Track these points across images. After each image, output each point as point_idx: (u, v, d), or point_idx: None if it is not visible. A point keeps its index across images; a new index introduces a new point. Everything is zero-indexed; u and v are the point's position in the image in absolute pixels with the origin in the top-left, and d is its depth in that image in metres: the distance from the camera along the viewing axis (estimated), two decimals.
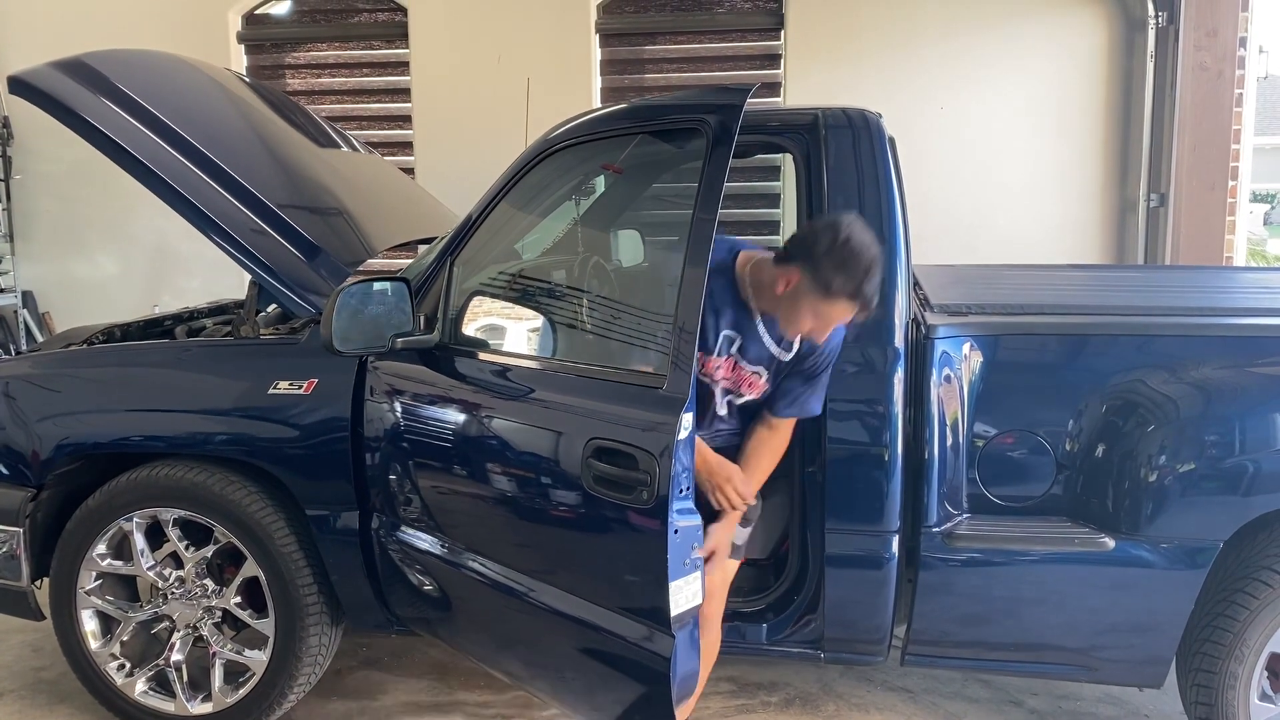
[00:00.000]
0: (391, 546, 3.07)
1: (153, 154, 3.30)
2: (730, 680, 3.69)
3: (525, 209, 3.22)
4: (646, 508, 2.36)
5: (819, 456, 2.91)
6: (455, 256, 3.01)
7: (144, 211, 6.66)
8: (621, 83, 6.51)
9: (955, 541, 2.88)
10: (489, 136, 5.63)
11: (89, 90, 3.37)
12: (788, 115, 3.12)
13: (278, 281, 3.28)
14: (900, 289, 2.88)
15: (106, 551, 3.30)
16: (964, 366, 2.90)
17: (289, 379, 3.15)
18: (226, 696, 3.29)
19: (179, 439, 3.25)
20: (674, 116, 2.85)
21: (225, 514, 3.17)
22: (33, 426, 3.34)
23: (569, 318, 3.27)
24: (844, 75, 6.13)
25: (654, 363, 2.61)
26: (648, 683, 2.45)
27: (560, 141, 2.95)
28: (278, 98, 4.58)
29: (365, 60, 6.85)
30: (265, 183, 3.52)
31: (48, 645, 3.82)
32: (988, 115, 6.10)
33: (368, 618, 3.28)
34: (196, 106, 3.77)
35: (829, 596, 2.96)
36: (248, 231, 3.32)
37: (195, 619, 3.29)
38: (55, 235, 7.18)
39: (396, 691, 3.68)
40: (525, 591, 2.74)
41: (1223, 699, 2.77)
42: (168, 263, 7.02)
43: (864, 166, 2.94)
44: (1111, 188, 6.08)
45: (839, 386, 2.86)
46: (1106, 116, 6.04)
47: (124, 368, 3.44)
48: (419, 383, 2.99)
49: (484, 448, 2.86)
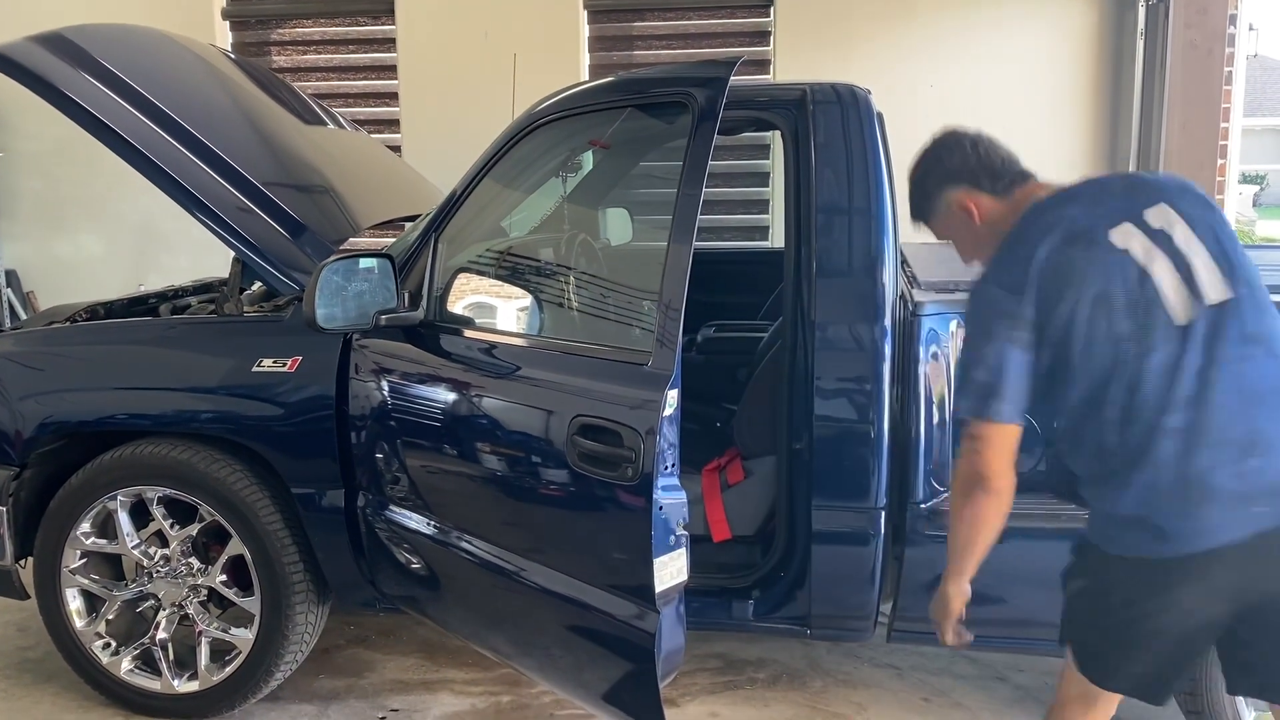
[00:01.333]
0: (378, 525, 3.06)
1: (135, 130, 3.26)
2: (718, 657, 3.70)
3: (511, 185, 3.20)
4: (631, 484, 2.36)
5: (806, 433, 2.91)
6: (440, 232, 2.99)
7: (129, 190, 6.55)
8: (610, 59, 6.46)
9: (942, 518, 2.87)
10: (476, 113, 5.57)
11: (69, 65, 3.32)
12: (776, 90, 3.10)
13: (262, 259, 3.25)
14: (887, 267, 2.87)
15: (91, 530, 3.29)
16: (951, 344, 2.90)
17: (273, 357, 3.13)
18: (213, 675, 3.28)
19: (163, 417, 3.23)
20: (659, 90, 2.83)
21: (210, 492, 3.15)
22: (15, 404, 3.31)
23: (555, 295, 3.26)
24: (833, 53, 6.10)
25: (640, 340, 2.60)
26: (633, 659, 2.46)
27: (545, 115, 2.93)
28: (263, 74, 4.53)
29: (351, 37, 6.78)
30: (250, 160, 3.49)
31: (33, 625, 3.80)
32: (977, 93, 6.07)
33: (354, 596, 3.27)
34: (180, 82, 3.73)
35: (815, 573, 2.95)
36: (232, 209, 3.29)
37: (181, 597, 3.28)
38: (39, 214, 7.11)
39: (384, 669, 3.68)
40: (512, 569, 2.74)
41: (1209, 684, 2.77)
42: (153, 242, 6.96)
43: (853, 142, 2.92)
44: (1100, 167, 6.06)
45: (826, 363, 2.85)
46: (1096, 95, 6.03)
47: (108, 345, 3.42)
48: (404, 360, 2.98)
49: (469, 425, 2.85)
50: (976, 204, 2.21)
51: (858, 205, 2.89)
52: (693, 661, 3.60)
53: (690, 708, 3.41)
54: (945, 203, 2.25)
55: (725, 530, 3.24)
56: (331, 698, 3.49)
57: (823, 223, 2.89)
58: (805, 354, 2.89)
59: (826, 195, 2.90)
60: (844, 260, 2.89)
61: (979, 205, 2.21)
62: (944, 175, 2.24)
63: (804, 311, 2.90)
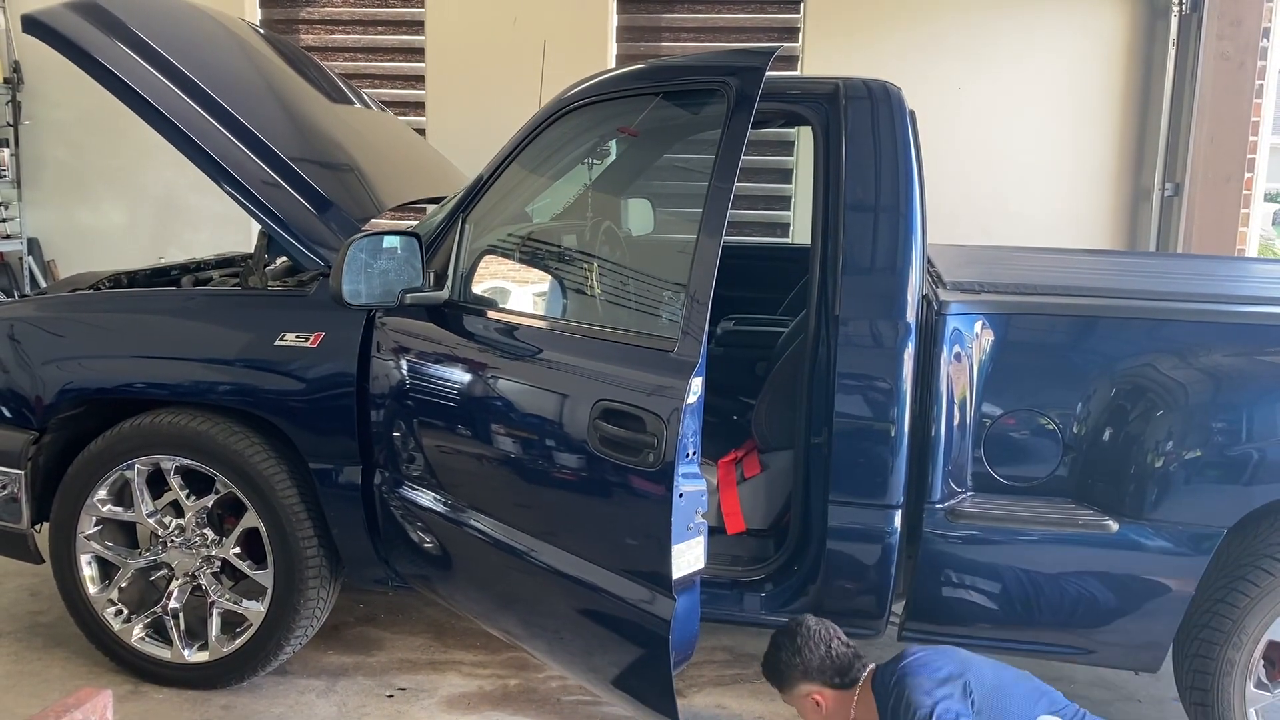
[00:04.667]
0: (393, 502, 3.07)
1: (166, 99, 3.28)
2: (725, 650, 3.70)
3: (540, 169, 3.20)
4: (652, 470, 2.36)
5: (825, 429, 2.90)
6: (468, 214, 2.99)
7: (153, 162, 6.63)
8: (637, 49, 6.45)
9: (958, 519, 2.87)
10: (502, 99, 5.58)
11: (103, 32, 3.34)
12: (808, 84, 3.09)
13: (288, 233, 3.27)
14: (914, 265, 2.86)
15: (107, 497, 3.30)
16: (975, 345, 2.88)
17: (296, 331, 3.14)
18: (223, 646, 3.30)
19: (183, 387, 3.24)
20: (694, 77, 2.82)
21: (228, 464, 3.17)
22: (36, 370, 3.33)
23: (581, 280, 3.26)
24: (862, 51, 6.07)
25: (665, 328, 2.60)
26: (646, 645, 2.46)
27: (577, 100, 2.92)
28: (292, 51, 4.54)
29: (380, 18, 6.78)
30: (278, 134, 3.50)
31: (46, 590, 3.82)
32: (1006, 98, 6.05)
33: (367, 573, 3.28)
34: (211, 54, 3.73)
35: (829, 568, 2.95)
36: (259, 182, 3.30)
37: (194, 568, 3.29)
38: (63, 183, 7.13)
39: (393, 648, 3.69)
40: (526, 551, 2.74)
41: (1218, 685, 2.76)
42: (175, 215, 6.98)
43: (883, 138, 2.91)
44: (1126, 175, 6.04)
45: (849, 359, 2.84)
46: (1125, 103, 5.99)
47: (130, 314, 3.43)
48: (427, 340, 2.98)
49: (490, 406, 2.85)
50: (823, 698, 2.64)
51: (886, 202, 2.88)
52: (700, 654, 3.59)
53: (696, 699, 3.41)
54: (799, 690, 2.68)
55: (740, 523, 3.24)
56: (339, 674, 3.50)
57: (850, 218, 2.88)
58: (828, 349, 2.88)
59: (855, 191, 2.89)
60: (871, 256, 2.88)
61: (825, 699, 2.64)
62: (802, 670, 2.65)
63: (828, 307, 2.89)
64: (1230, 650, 2.74)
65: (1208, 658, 2.77)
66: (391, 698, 3.36)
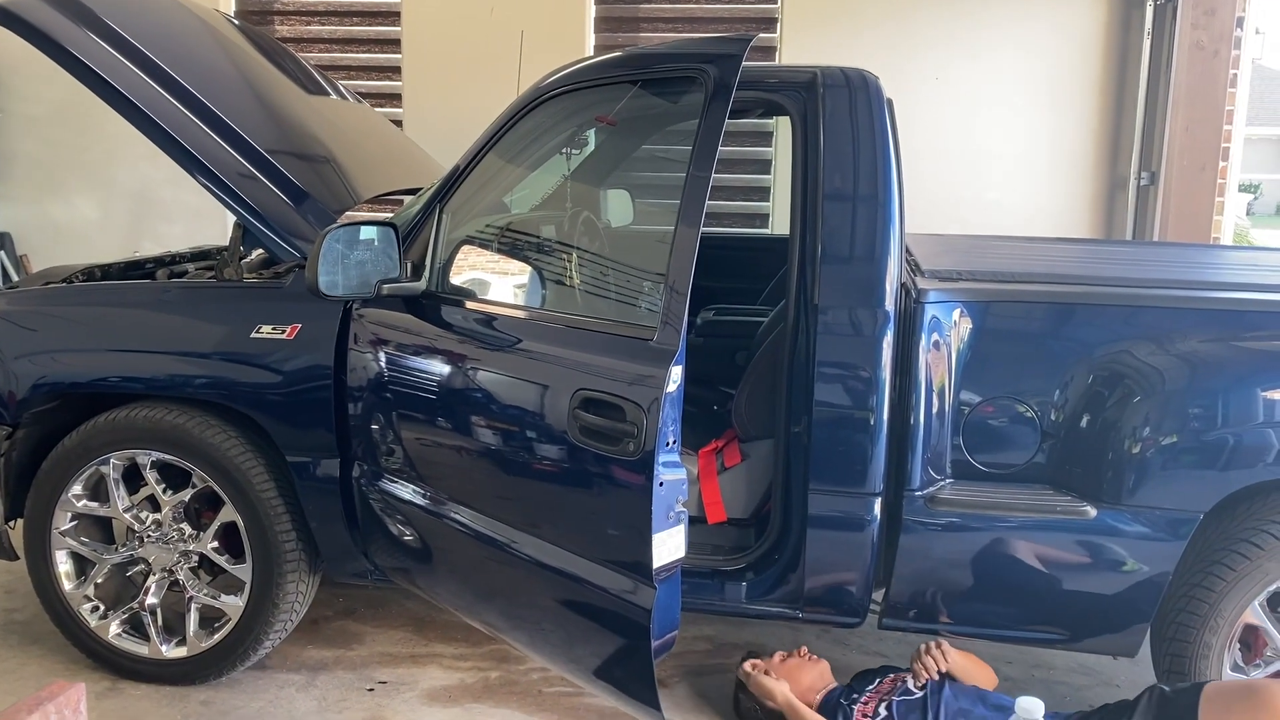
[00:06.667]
0: (372, 495, 3.05)
1: (139, 91, 3.24)
2: (707, 639, 3.71)
3: (518, 158, 3.18)
4: (632, 459, 2.36)
5: (805, 417, 2.90)
6: (445, 203, 2.97)
7: (126, 156, 6.57)
8: (615, 40, 6.44)
9: (937, 506, 2.87)
10: (479, 90, 5.55)
11: (74, 23, 3.29)
12: (785, 72, 3.08)
13: (264, 225, 3.23)
14: (892, 253, 2.86)
15: (82, 492, 3.27)
16: (953, 333, 2.89)
17: (272, 323, 3.11)
18: (201, 641, 3.27)
19: (159, 380, 3.21)
20: (671, 65, 2.81)
21: (204, 458, 3.14)
22: (9, 364, 3.29)
23: (560, 270, 3.25)
24: (840, 41, 6.08)
25: (644, 317, 2.59)
26: (627, 635, 2.46)
27: (554, 88, 2.91)
28: (267, 42, 4.50)
29: (355, 8, 6.74)
30: (253, 126, 3.46)
31: (21, 587, 3.79)
32: (982, 87, 6.08)
33: (346, 566, 3.26)
34: (184, 46, 3.69)
35: (809, 557, 2.95)
36: (234, 174, 3.27)
37: (171, 563, 3.27)
38: (35, 177, 7.05)
39: (373, 642, 3.67)
40: (506, 543, 2.73)
41: (1196, 669, 2.79)
42: (149, 209, 6.92)
43: (861, 127, 2.91)
44: (1103, 164, 6.07)
45: (828, 348, 2.85)
46: (1101, 93, 6.03)
47: (104, 307, 3.39)
48: (404, 331, 2.96)
49: (469, 397, 2.83)
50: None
51: (865, 191, 2.88)
52: (681, 643, 3.59)
53: (678, 689, 3.41)
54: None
55: (720, 512, 3.23)
56: (319, 668, 3.48)
57: (829, 207, 2.88)
58: (807, 338, 2.88)
59: (834, 180, 2.89)
60: (849, 246, 2.88)
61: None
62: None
63: (807, 295, 2.89)
64: (1207, 633, 2.76)
65: (1185, 641, 2.79)
66: (372, 691, 3.35)
